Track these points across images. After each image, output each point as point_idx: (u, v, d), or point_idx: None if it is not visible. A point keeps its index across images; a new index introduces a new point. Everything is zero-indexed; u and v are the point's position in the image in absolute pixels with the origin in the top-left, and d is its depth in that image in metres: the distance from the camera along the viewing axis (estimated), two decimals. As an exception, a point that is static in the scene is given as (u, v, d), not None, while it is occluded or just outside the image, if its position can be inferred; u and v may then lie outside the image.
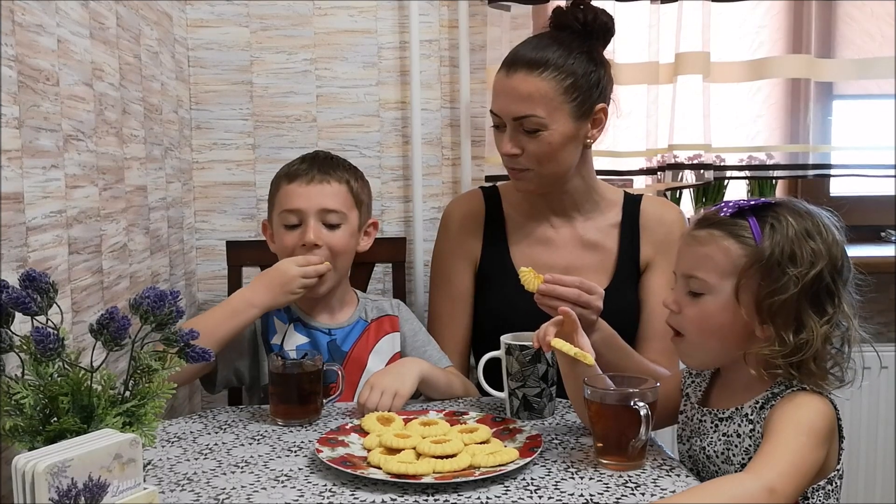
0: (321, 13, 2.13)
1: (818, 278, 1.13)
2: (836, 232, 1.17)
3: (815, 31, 2.14)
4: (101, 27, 1.47)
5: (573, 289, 1.38)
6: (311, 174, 1.56)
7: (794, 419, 1.09)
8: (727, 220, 1.19)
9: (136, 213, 1.65)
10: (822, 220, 1.17)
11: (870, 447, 2.17)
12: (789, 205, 1.19)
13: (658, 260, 1.66)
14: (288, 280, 1.47)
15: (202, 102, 2.14)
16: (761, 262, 1.14)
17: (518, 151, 1.57)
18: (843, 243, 1.17)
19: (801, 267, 1.12)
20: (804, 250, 1.13)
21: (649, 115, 2.16)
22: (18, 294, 0.98)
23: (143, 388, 1.03)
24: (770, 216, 1.16)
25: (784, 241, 1.14)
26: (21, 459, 0.86)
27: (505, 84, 1.56)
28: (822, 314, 1.13)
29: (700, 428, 1.24)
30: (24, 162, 1.15)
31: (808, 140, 2.17)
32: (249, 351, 1.58)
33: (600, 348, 1.39)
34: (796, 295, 1.12)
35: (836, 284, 1.15)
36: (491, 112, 1.61)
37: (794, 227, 1.14)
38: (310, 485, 1.13)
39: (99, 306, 1.42)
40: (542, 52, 1.54)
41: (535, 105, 1.53)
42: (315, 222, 1.54)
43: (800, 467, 1.04)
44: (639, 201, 1.71)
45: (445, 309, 1.73)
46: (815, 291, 1.13)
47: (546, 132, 1.54)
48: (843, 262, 1.16)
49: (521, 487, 1.11)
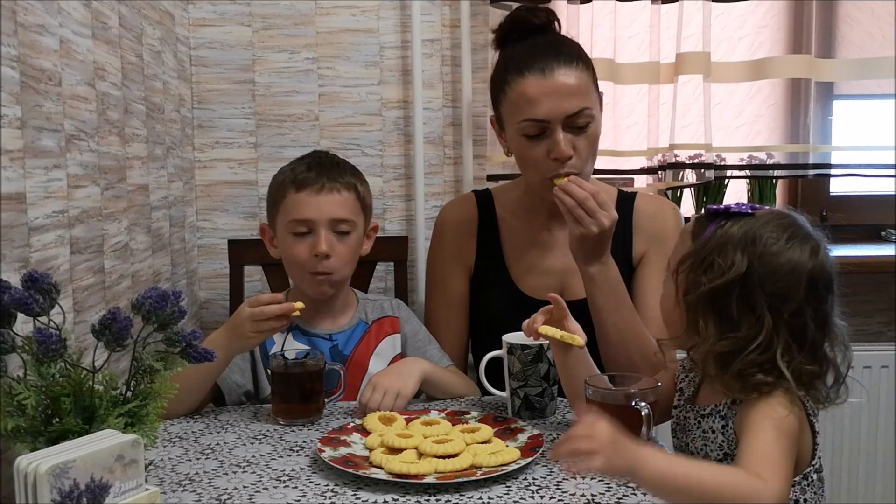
0: (323, 12, 2.13)
1: (725, 290, 1.11)
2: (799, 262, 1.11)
3: (815, 31, 2.14)
4: (104, 27, 1.47)
5: (586, 193, 1.41)
6: (320, 182, 1.53)
7: (769, 415, 1.07)
8: (700, 219, 1.22)
9: (138, 213, 1.65)
10: (786, 244, 1.12)
11: (870, 447, 2.17)
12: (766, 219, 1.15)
13: (650, 253, 1.64)
14: (240, 323, 1.37)
15: (204, 101, 2.14)
16: (691, 259, 1.16)
17: (572, 152, 1.51)
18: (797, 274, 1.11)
19: (713, 273, 1.12)
20: (724, 259, 1.12)
21: (650, 114, 2.16)
22: (21, 295, 0.98)
23: (144, 388, 1.03)
24: (727, 222, 1.16)
25: (713, 246, 1.14)
26: (23, 460, 0.87)
27: (549, 84, 1.49)
28: (730, 328, 1.11)
29: (686, 424, 1.25)
30: (26, 162, 1.16)
31: (809, 140, 2.17)
32: (249, 367, 1.56)
33: (597, 284, 1.43)
34: (700, 298, 1.13)
35: (757, 306, 1.10)
36: (529, 122, 1.51)
37: (729, 236, 1.13)
38: (312, 485, 1.13)
39: (101, 306, 1.43)
40: (564, 49, 1.53)
41: (583, 97, 1.51)
42: (326, 232, 1.53)
43: (789, 470, 1.04)
44: (633, 199, 1.69)
45: (441, 314, 1.73)
46: (720, 302, 1.12)
47: (593, 124, 1.53)
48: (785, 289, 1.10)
49: (523, 487, 1.12)
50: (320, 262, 1.52)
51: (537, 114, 1.50)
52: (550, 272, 1.65)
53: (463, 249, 1.71)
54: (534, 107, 1.50)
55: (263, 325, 1.37)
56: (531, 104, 1.50)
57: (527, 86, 1.51)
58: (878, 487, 2.18)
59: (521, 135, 1.53)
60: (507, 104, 1.56)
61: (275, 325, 1.38)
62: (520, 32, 1.60)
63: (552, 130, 1.50)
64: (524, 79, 1.51)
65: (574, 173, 1.51)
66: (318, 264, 1.52)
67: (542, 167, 1.53)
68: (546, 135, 1.51)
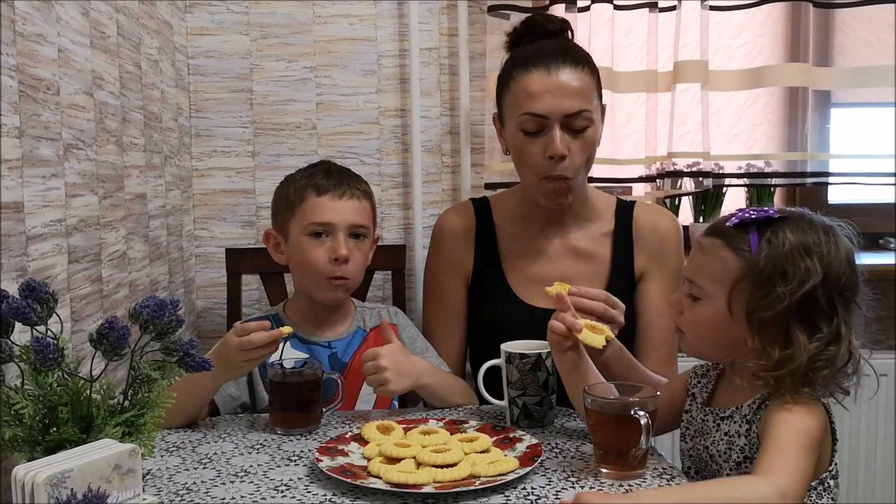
0: (321, 21, 2.13)
1: (809, 296, 1.12)
2: (845, 248, 1.16)
3: (812, 39, 2.15)
4: (102, 36, 1.47)
5: (599, 302, 1.38)
6: (341, 188, 1.55)
7: (791, 422, 1.09)
8: (730, 231, 1.20)
9: (136, 221, 1.65)
10: (826, 236, 1.16)
11: (869, 449, 2.17)
12: (796, 218, 1.18)
13: (653, 269, 1.65)
14: (228, 352, 1.35)
15: (202, 110, 2.14)
16: (753, 275, 1.15)
17: (567, 152, 1.52)
18: (850, 259, 1.16)
19: (792, 284, 1.12)
20: (797, 267, 1.13)
21: (648, 123, 2.17)
22: (19, 304, 0.98)
23: (142, 397, 1.03)
24: (770, 230, 1.17)
25: (778, 257, 1.14)
26: (21, 470, 0.86)
27: (552, 81, 1.51)
28: (813, 331, 1.13)
29: (703, 428, 1.25)
30: (24, 171, 1.15)
31: (807, 148, 2.18)
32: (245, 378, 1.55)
33: (611, 363, 1.40)
34: (784, 311, 1.12)
35: (834, 302, 1.14)
36: (528, 115, 1.52)
37: (790, 243, 1.14)
38: (309, 494, 1.13)
39: (98, 315, 1.42)
40: (572, 52, 1.54)
41: (585, 99, 1.51)
42: (345, 237, 1.54)
43: (804, 471, 1.05)
44: (631, 208, 1.69)
45: (439, 323, 1.73)
46: (806, 309, 1.13)
47: (592, 128, 1.53)
48: (847, 279, 1.15)
49: (522, 497, 1.11)
50: (339, 267, 1.53)
51: (537, 108, 1.51)
52: (548, 279, 1.64)
53: (461, 258, 1.71)
54: (535, 101, 1.52)
55: (252, 353, 1.35)
56: (532, 98, 1.52)
57: (531, 80, 1.52)
58: (877, 488, 2.18)
59: (519, 129, 1.55)
60: (510, 98, 1.57)
61: (263, 353, 1.36)
62: (532, 36, 1.62)
63: (550, 128, 1.51)
64: (529, 73, 1.53)
65: (566, 177, 1.53)
66: (337, 269, 1.53)
67: (537, 165, 1.55)
68: (544, 132, 1.53)
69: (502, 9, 2.09)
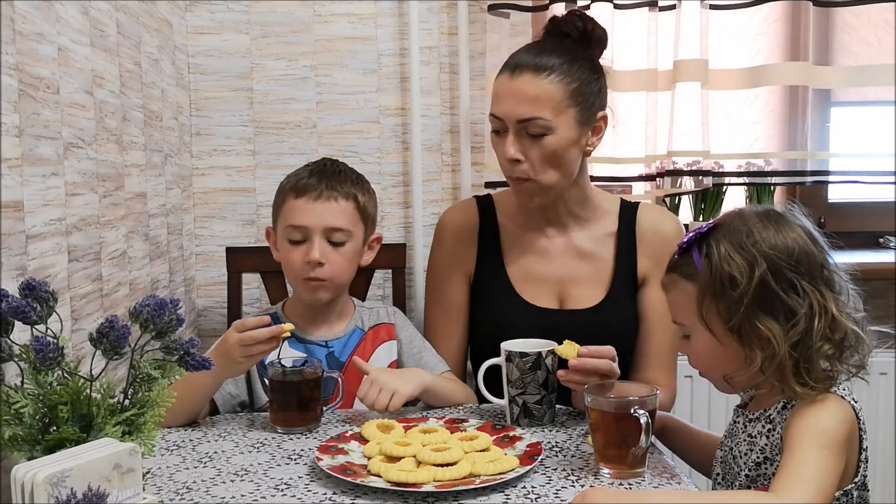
0: (321, 20, 2.13)
1: (763, 286, 1.12)
2: (794, 226, 1.15)
3: (812, 38, 2.14)
4: (102, 35, 1.47)
5: (606, 360, 1.35)
6: (318, 190, 1.54)
7: (815, 429, 1.07)
8: (679, 262, 1.22)
9: (136, 220, 1.65)
10: (763, 222, 1.16)
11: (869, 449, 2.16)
12: (729, 219, 1.19)
13: (656, 274, 1.64)
14: (229, 349, 1.35)
15: (202, 109, 2.14)
16: (708, 291, 1.15)
17: (521, 157, 1.53)
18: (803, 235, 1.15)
19: (742, 283, 1.12)
20: (738, 265, 1.12)
21: (648, 121, 2.16)
22: (18, 303, 0.97)
23: (142, 396, 1.03)
24: (706, 243, 1.17)
25: (719, 264, 1.14)
26: (20, 469, 0.86)
27: (509, 86, 1.52)
28: (788, 318, 1.12)
29: (733, 429, 1.25)
30: (24, 170, 1.15)
31: (807, 147, 2.17)
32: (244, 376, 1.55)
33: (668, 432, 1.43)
34: (749, 311, 1.12)
35: (795, 282, 1.12)
36: (492, 116, 1.56)
37: (724, 246, 1.14)
38: (310, 493, 1.13)
39: (98, 314, 1.42)
40: (547, 57, 1.53)
41: (541, 107, 1.51)
42: (320, 240, 1.53)
43: (823, 486, 1.03)
44: (635, 209, 1.68)
45: (440, 321, 1.72)
46: (767, 299, 1.12)
47: (551, 136, 1.52)
48: (801, 254, 1.13)
49: (522, 496, 1.11)
50: (313, 269, 1.53)
51: (495, 110, 1.56)
52: (550, 279, 1.64)
53: (463, 255, 1.71)
54: (495, 103, 1.56)
55: (253, 349, 1.35)
56: (495, 99, 1.56)
57: (498, 82, 1.56)
58: (877, 488, 2.18)
59: (491, 128, 1.59)
60: None
61: (264, 349, 1.36)
62: (548, 31, 1.62)
63: (506, 130, 1.54)
64: (501, 74, 1.57)
65: (525, 178, 1.55)
66: (311, 271, 1.53)
67: (502, 164, 1.59)
68: (501, 134, 1.56)
69: (502, 7, 2.09)
